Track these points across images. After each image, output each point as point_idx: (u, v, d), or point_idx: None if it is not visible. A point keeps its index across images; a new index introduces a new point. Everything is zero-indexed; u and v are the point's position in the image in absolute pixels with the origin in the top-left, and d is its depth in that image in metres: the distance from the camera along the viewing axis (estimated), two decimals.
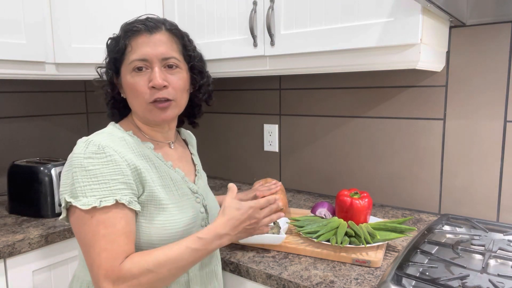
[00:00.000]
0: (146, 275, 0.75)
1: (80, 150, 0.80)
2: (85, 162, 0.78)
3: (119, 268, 0.74)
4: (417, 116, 1.38)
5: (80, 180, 0.78)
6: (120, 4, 1.50)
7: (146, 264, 0.75)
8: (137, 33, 0.87)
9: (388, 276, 0.86)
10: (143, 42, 0.87)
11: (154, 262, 0.76)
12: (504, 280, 0.87)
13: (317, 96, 1.60)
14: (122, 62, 0.89)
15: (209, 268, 0.96)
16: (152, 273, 0.75)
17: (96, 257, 0.75)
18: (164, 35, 0.89)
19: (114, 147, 0.82)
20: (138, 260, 0.76)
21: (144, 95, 0.87)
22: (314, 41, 1.18)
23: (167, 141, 0.98)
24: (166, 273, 0.77)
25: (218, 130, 1.93)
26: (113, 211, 0.77)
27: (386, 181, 1.48)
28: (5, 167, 1.70)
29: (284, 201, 1.31)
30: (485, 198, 1.28)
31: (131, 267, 0.75)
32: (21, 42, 1.37)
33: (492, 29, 1.22)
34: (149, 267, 0.75)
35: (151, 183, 0.84)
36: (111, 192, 0.78)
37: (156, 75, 0.86)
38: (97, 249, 0.75)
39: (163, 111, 0.89)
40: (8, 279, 1.14)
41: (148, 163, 0.87)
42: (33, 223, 1.30)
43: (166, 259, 0.77)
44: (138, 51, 0.86)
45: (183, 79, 0.91)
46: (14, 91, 1.73)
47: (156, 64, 0.87)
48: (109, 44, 0.92)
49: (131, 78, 0.87)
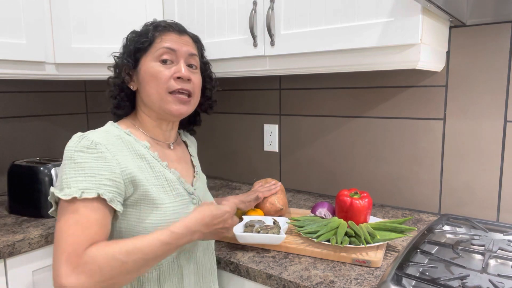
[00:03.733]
0: (109, 263, 0.70)
1: (72, 143, 0.81)
2: (75, 155, 0.79)
3: (83, 253, 0.70)
4: (417, 116, 1.38)
5: (68, 172, 0.78)
6: (120, 4, 1.50)
7: (112, 251, 0.71)
8: (168, 29, 0.94)
9: (388, 276, 0.86)
10: (172, 38, 0.93)
11: (121, 249, 0.72)
12: (504, 280, 0.87)
13: (317, 96, 1.60)
14: (146, 51, 0.92)
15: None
16: (117, 261, 0.71)
17: (62, 243, 0.72)
18: (189, 39, 0.97)
19: (107, 145, 0.82)
20: (104, 246, 0.72)
21: (166, 83, 0.90)
22: (314, 41, 1.18)
23: (167, 142, 0.98)
24: (131, 263, 0.73)
25: (218, 130, 1.93)
26: (93, 204, 0.75)
27: (386, 181, 1.48)
28: (5, 167, 1.70)
29: (284, 201, 1.31)
30: (485, 198, 1.28)
31: (95, 253, 0.71)
32: (21, 42, 1.37)
33: (492, 29, 1.22)
34: (115, 255, 0.71)
35: (144, 182, 0.84)
36: (95, 185, 0.76)
37: (182, 67, 0.91)
38: (65, 235, 0.72)
39: (182, 104, 0.92)
40: (8, 279, 1.14)
41: (142, 162, 0.87)
42: (33, 223, 1.30)
43: (133, 248, 0.73)
44: (168, 42, 0.92)
45: (200, 80, 0.99)
46: (14, 91, 1.73)
47: (182, 59, 0.92)
48: (131, 37, 0.95)
49: (156, 66, 0.91)
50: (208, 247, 0.99)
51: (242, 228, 1.13)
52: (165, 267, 0.87)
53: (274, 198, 1.28)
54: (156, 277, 0.87)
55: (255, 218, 1.19)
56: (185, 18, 1.49)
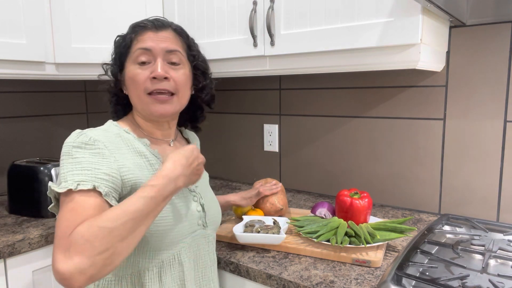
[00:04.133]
0: (97, 234, 0.66)
1: (71, 139, 0.80)
2: (73, 151, 0.78)
3: (70, 234, 0.66)
4: (417, 116, 1.38)
5: (65, 167, 0.77)
6: (120, 5, 1.50)
7: (95, 222, 0.67)
8: (144, 28, 0.90)
9: (388, 276, 0.86)
10: (149, 37, 0.90)
11: (107, 217, 0.68)
12: (504, 280, 0.87)
13: (317, 96, 1.60)
14: (127, 56, 0.91)
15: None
16: (104, 230, 0.66)
17: (57, 231, 0.69)
18: (170, 33, 0.92)
19: (105, 143, 0.82)
20: (89, 221, 0.68)
21: (143, 85, 0.88)
22: (314, 41, 1.18)
23: (166, 139, 0.98)
24: (120, 228, 0.68)
25: (218, 130, 1.93)
26: (88, 196, 0.73)
27: (386, 181, 1.48)
28: (5, 167, 1.69)
29: (284, 201, 1.31)
30: (485, 198, 1.28)
31: (80, 230, 0.66)
32: (21, 42, 1.37)
33: (492, 29, 1.22)
34: (99, 224, 0.67)
35: (143, 180, 0.83)
36: (91, 178, 0.75)
37: (158, 66, 0.88)
38: (59, 223, 0.70)
39: (163, 104, 0.89)
40: (8, 279, 1.14)
41: (142, 159, 0.87)
42: (33, 223, 1.30)
43: (119, 212, 0.69)
44: (143, 43, 0.89)
45: (186, 75, 0.93)
46: (14, 91, 1.73)
47: (160, 57, 0.89)
48: (116, 41, 0.95)
49: (134, 69, 0.89)
50: (209, 244, 0.99)
51: (242, 228, 1.13)
52: (166, 264, 0.87)
53: (274, 198, 1.28)
54: (157, 274, 0.86)
55: (255, 218, 1.19)
56: (185, 18, 1.49)
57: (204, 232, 0.96)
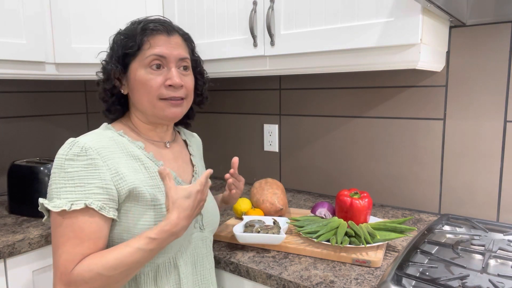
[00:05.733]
0: (97, 280, 0.75)
1: (63, 151, 0.81)
2: (65, 164, 0.79)
3: (71, 272, 0.75)
4: (417, 116, 1.38)
5: (57, 182, 0.79)
6: (121, 4, 1.50)
7: (96, 268, 0.75)
8: (156, 32, 0.90)
9: (388, 276, 0.86)
10: (162, 41, 0.89)
11: (104, 266, 0.75)
12: (504, 280, 0.87)
13: (317, 96, 1.60)
14: (135, 57, 0.89)
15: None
16: (103, 277, 0.75)
17: (57, 259, 0.76)
18: (179, 39, 0.93)
19: (98, 150, 0.81)
20: (89, 264, 0.75)
21: (157, 91, 0.88)
22: (314, 41, 1.18)
23: (163, 141, 0.98)
24: (117, 275, 0.76)
25: (218, 130, 1.93)
26: (83, 215, 0.77)
27: (386, 181, 1.48)
28: (5, 167, 1.70)
29: (284, 201, 1.31)
30: (485, 198, 1.28)
31: (82, 272, 0.75)
32: (21, 42, 1.37)
33: (492, 29, 1.22)
34: (100, 271, 0.75)
35: (138, 184, 0.83)
36: (84, 195, 0.77)
37: (175, 74, 0.89)
38: (59, 251, 0.76)
39: (176, 107, 0.91)
40: (8, 279, 1.14)
41: (137, 163, 0.87)
42: (33, 223, 1.30)
43: (117, 262, 0.75)
44: (157, 48, 0.88)
45: (193, 80, 0.97)
46: (14, 91, 1.73)
47: (174, 64, 0.90)
48: (117, 39, 0.92)
49: (146, 74, 0.88)
50: (206, 248, 0.98)
51: (242, 228, 1.13)
52: (161, 268, 0.87)
53: (274, 198, 1.28)
54: (153, 278, 0.87)
55: (255, 218, 1.19)
56: (185, 18, 1.49)
57: (201, 234, 0.96)
